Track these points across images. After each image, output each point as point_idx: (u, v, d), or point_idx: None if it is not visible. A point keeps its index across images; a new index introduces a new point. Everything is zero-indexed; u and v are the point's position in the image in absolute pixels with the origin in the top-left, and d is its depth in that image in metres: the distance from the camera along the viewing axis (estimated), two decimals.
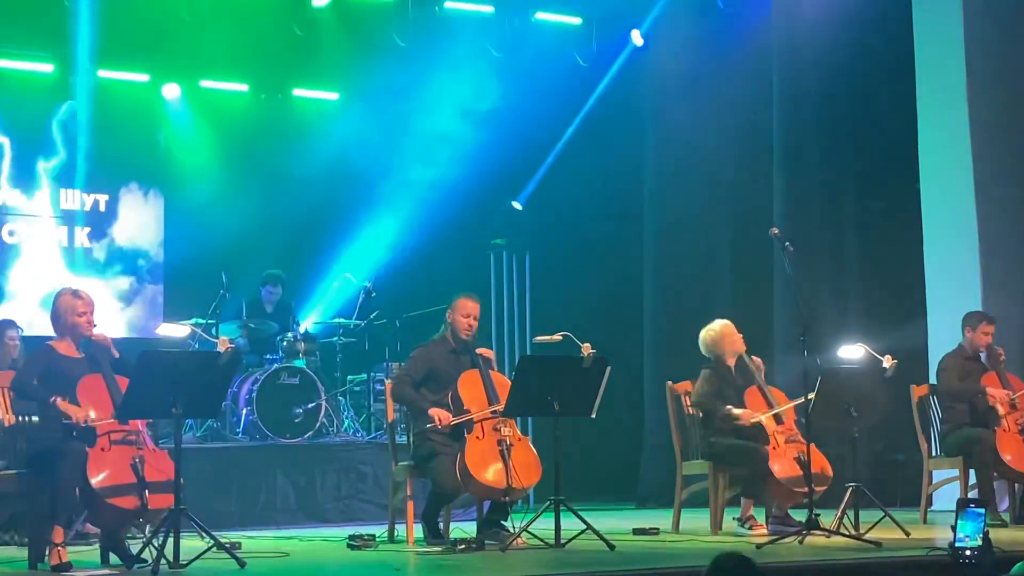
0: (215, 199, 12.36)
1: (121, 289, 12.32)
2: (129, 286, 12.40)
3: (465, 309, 8.35)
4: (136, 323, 12.32)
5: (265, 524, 9.83)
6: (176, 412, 7.00)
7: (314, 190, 12.61)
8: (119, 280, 12.35)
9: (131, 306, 12.37)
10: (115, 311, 12.15)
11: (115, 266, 12.35)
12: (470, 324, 8.33)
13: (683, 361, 10.88)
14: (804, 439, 8.30)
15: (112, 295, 12.18)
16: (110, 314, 11.96)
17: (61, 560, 6.86)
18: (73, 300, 7.35)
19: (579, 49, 12.51)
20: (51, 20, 11.22)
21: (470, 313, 8.35)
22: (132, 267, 12.43)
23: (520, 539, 7.74)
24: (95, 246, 12.29)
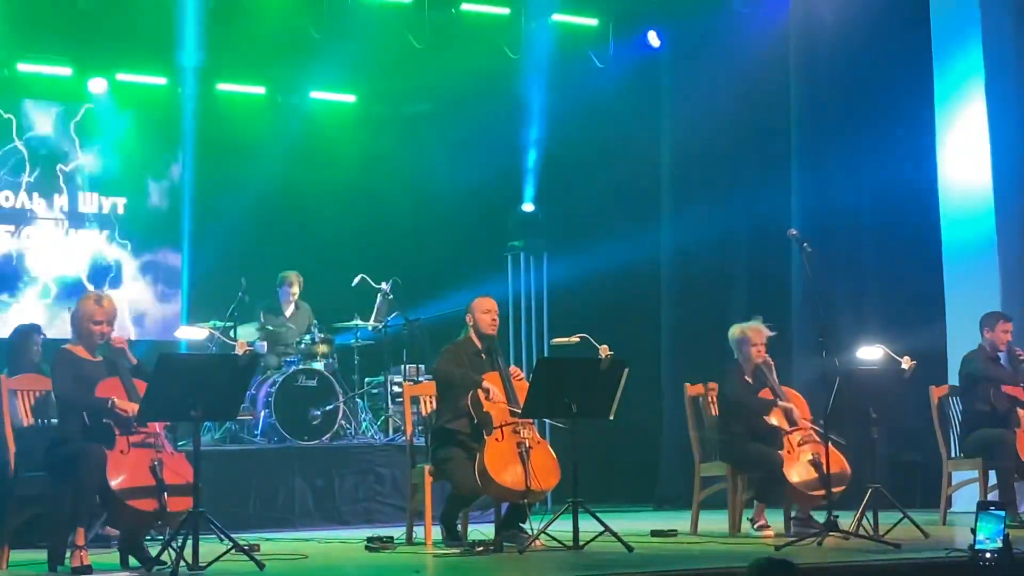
0: (234, 202, 12.39)
1: (140, 292, 12.36)
2: (148, 289, 12.44)
3: (484, 306, 8.35)
4: (155, 326, 12.35)
5: (283, 526, 9.85)
6: (195, 415, 7.02)
7: (331, 192, 12.63)
8: (138, 283, 12.38)
9: (150, 309, 12.40)
10: (134, 314, 12.19)
11: (134, 269, 12.39)
12: (493, 319, 8.33)
13: (700, 363, 10.90)
14: (820, 439, 8.29)
15: (131, 298, 12.21)
16: (129, 317, 12.02)
17: (82, 562, 6.88)
18: (93, 307, 7.36)
19: (596, 50, 12.49)
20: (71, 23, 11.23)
21: (490, 309, 8.35)
22: (151, 270, 12.47)
23: (538, 541, 7.73)
24: (113, 249, 12.32)
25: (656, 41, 12.55)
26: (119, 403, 7.08)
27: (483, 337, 8.34)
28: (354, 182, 12.73)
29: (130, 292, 12.25)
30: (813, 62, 11.42)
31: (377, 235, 12.66)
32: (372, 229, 12.68)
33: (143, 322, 12.34)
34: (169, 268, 12.53)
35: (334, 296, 11.87)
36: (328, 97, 13.07)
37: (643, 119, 12.64)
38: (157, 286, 12.48)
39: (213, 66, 12.40)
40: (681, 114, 12.37)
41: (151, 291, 12.45)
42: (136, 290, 12.35)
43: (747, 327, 8.80)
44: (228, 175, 12.43)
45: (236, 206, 12.40)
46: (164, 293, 12.50)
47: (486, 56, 12.34)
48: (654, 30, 12.51)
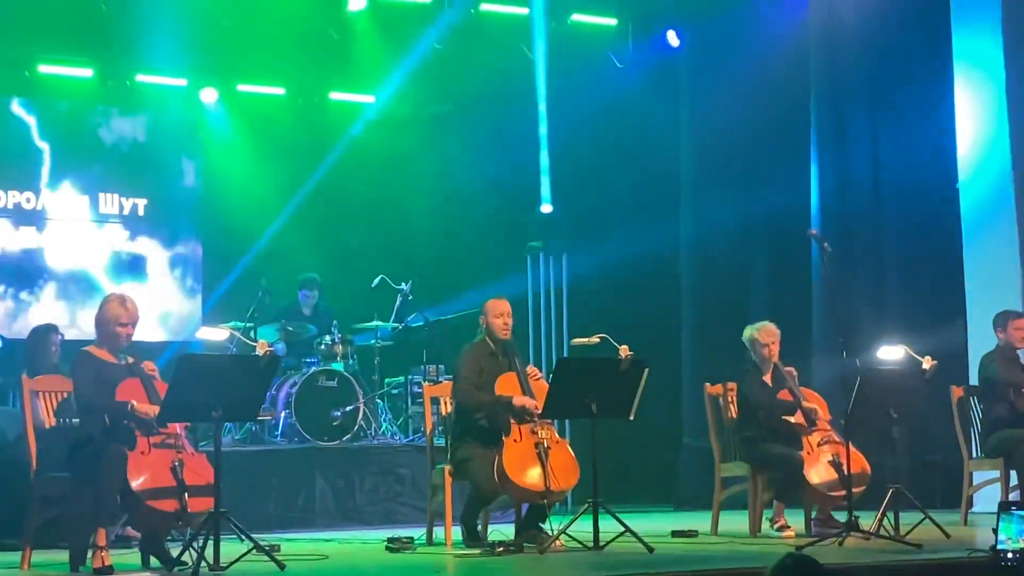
0: (253, 202, 12.43)
1: (160, 293, 12.40)
2: (168, 289, 12.48)
3: (497, 310, 8.35)
4: (175, 327, 12.40)
5: (303, 526, 9.87)
6: (216, 416, 7.03)
7: (350, 193, 12.65)
8: (158, 283, 12.42)
9: (170, 310, 12.44)
10: (155, 315, 12.23)
11: (154, 270, 12.43)
12: (505, 323, 8.34)
13: (720, 363, 10.87)
14: (840, 440, 8.28)
15: (151, 299, 12.25)
16: (150, 317, 12.05)
17: (104, 563, 6.89)
18: (119, 309, 7.36)
19: (615, 50, 12.48)
20: (91, 25, 11.27)
21: (503, 312, 8.35)
22: (171, 270, 12.51)
23: (559, 541, 7.73)
24: (134, 250, 12.37)
25: (675, 41, 12.55)
26: (138, 406, 7.09)
27: (497, 341, 8.35)
28: (374, 182, 12.74)
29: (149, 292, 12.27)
30: (833, 61, 11.38)
31: (397, 235, 12.68)
32: (392, 229, 12.69)
33: (165, 323, 12.37)
34: (189, 270, 12.56)
35: (354, 297, 11.90)
36: (347, 98, 13.08)
37: (662, 119, 12.63)
38: (177, 288, 12.51)
39: (233, 67, 12.43)
40: (700, 114, 12.35)
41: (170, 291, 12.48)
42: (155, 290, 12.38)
43: (756, 328, 8.78)
44: (247, 175, 12.46)
45: (256, 206, 12.44)
46: (183, 293, 12.53)
47: (505, 56, 12.36)
48: (673, 29, 12.51)
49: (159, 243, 12.47)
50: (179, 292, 12.52)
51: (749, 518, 8.62)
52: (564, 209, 12.92)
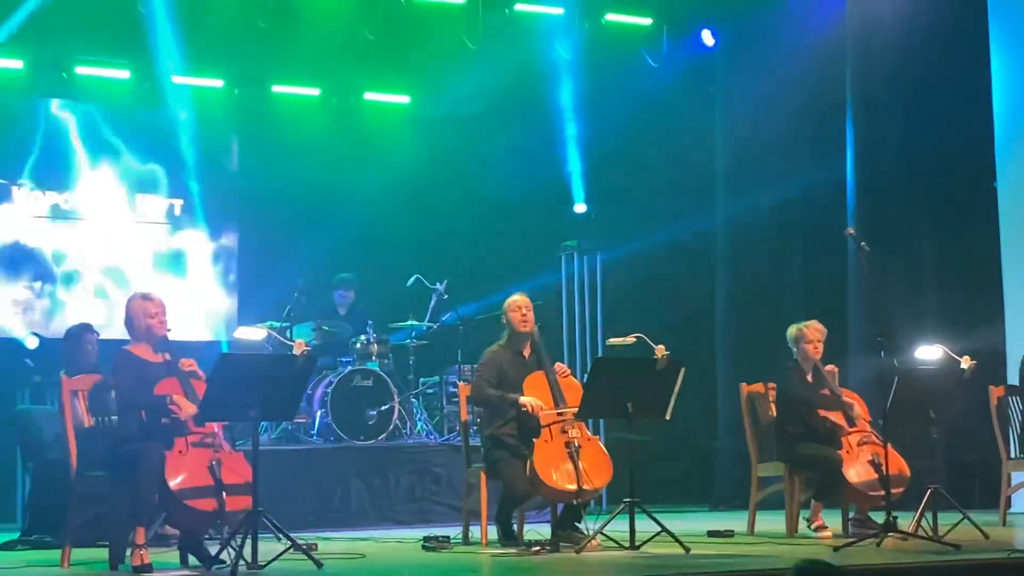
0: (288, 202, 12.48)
1: (199, 291, 12.47)
2: (207, 286, 12.54)
3: (514, 305, 8.36)
4: (214, 325, 12.46)
5: (339, 525, 9.89)
6: (253, 415, 7.06)
7: (385, 193, 12.68)
8: (198, 280, 12.49)
9: (209, 308, 12.51)
10: (194, 313, 12.31)
11: (194, 266, 12.50)
12: (523, 315, 8.31)
13: (755, 362, 10.87)
14: (879, 440, 8.25)
15: (190, 297, 12.32)
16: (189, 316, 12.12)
17: (143, 561, 6.93)
18: (143, 303, 7.44)
19: (649, 50, 12.46)
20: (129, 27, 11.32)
21: (520, 306, 8.34)
22: (208, 270, 12.57)
23: (595, 541, 7.72)
24: (173, 246, 12.44)
25: (710, 40, 12.51)
26: (176, 399, 7.13)
27: (519, 335, 8.33)
28: (408, 183, 12.75)
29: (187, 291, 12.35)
30: (869, 57, 11.33)
31: (431, 235, 12.69)
32: (426, 229, 12.72)
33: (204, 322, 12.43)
34: (230, 264, 12.63)
35: (389, 296, 11.92)
36: (382, 98, 13.11)
37: (697, 119, 12.60)
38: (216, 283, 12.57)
39: (268, 68, 12.47)
40: (735, 113, 12.32)
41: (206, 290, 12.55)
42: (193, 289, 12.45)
43: (803, 324, 8.77)
44: (283, 176, 12.51)
45: (291, 207, 12.50)
46: (219, 293, 12.59)
47: (539, 56, 12.35)
48: (708, 29, 12.47)
49: (200, 237, 12.52)
50: (218, 287, 12.57)
51: (786, 518, 8.60)
52: (598, 208, 12.92)
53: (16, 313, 11.78)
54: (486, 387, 8.22)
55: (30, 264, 11.92)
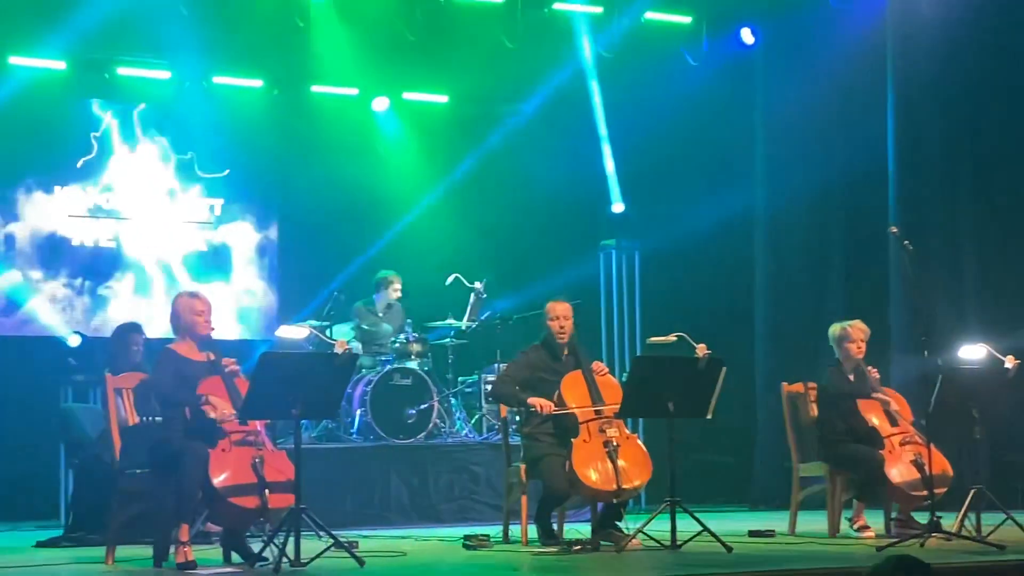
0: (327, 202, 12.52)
1: (241, 290, 12.52)
2: (249, 282, 12.60)
3: (552, 313, 8.37)
4: (256, 324, 12.52)
5: (379, 524, 9.92)
6: (295, 413, 7.09)
7: (424, 192, 12.70)
8: (236, 281, 12.54)
9: (251, 305, 12.56)
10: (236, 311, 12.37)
11: (231, 268, 12.55)
12: (561, 326, 8.33)
13: (795, 362, 10.83)
14: (921, 440, 8.20)
15: (230, 297, 12.39)
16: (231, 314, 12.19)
17: (187, 559, 6.97)
18: (190, 301, 7.50)
19: (689, 48, 12.43)
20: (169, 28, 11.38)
21: (558, 315, 8.34)
22: (248, 269, 12.62)
23: (635, 540, 7.71)
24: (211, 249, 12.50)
25: (750, 38, 12.46)
26: (212, 399, 7.16)
27: (556, 344, 8.34)
28: (446, 182, 12.77)
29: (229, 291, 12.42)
30: (910, 57, 11.25)
31: (470, 235, 12.70)
32: (465, 229, 12.72)
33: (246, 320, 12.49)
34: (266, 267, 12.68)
35: (428, 295, 11.94)
36: (421, 98, 13.13)
37: (736, 118, 12.56)
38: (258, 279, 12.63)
39: (307, 68, 12.51)
40: (775, 112, 12.26)
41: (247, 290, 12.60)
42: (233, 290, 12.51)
43: (847, 324, 8.74)
44: (322, 176, 12.55)
45: (330, 206, 12.54)
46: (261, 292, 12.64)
47: (578, 55, 12.34)
48: (748, 27, 12.42)
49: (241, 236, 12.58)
50: (258, 286, 12.62)
51: (828, 518, 8.57)
52: (637, 208, 12.89)
53: (58, 311, 11.86)
54: (504, 384, 8.31)
55: (71, 262, 12.01)
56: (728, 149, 12.65)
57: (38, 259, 11.89)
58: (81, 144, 12.08)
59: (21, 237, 11.86)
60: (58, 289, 11.94)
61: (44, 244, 11.93)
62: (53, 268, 11.94)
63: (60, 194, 11.98)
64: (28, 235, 11.88)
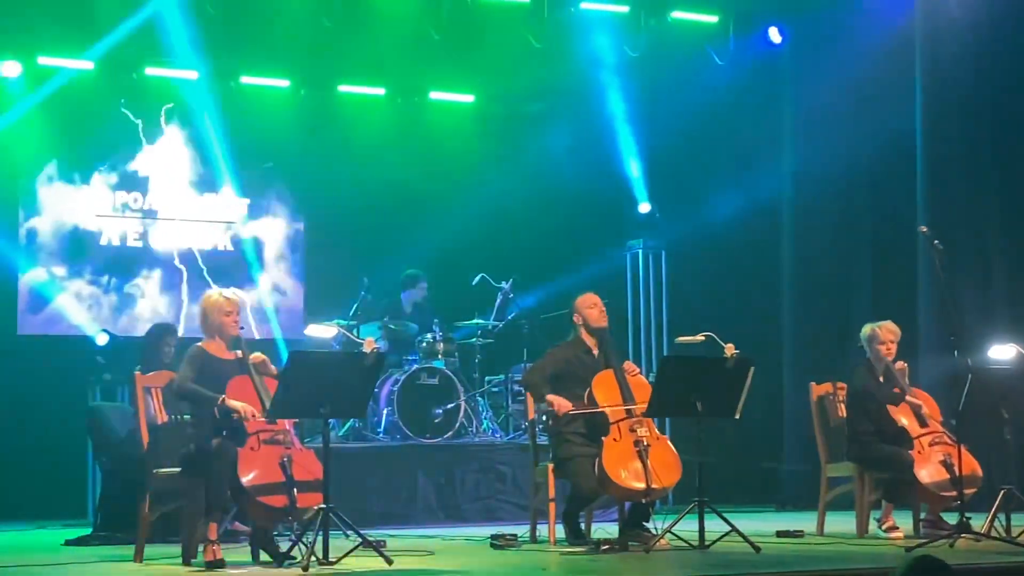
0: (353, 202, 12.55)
1: (266, 291, 12.56)
2: (274, 288, 12.62)
3: (588, 302, 8.38)
4: (282, 324, 12.55)
5: (406, 523, 9.93)
6: (324, 413, 7.10)
7: (450, 192, 12.71)
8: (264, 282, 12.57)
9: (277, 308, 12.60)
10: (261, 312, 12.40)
11: (258, 268, 12.59)
12: (600, 311, 8.34)
13: (822, 363, 10.80)
14: (951, 441, 8.17)
15: (258, 297, 12.42)
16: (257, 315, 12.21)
17: (215, 556, 6.99)
18: (219, 301, 7.52)
19: (715, 47, 12.40)
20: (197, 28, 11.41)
21: (595, 303, 8.37)
22: (274, 269, 12.65)
23: (663, 540, 7.70)
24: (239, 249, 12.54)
25: (777, 37, 12.43)
26: (230, 402, 7.17)
27: (595, 331, 8.32)
28: (473, 181, 12.78)
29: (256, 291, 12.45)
30: (939, 57, 11.21)
31: (496, 234, 12.70)
32: (491, 228, 12.72)
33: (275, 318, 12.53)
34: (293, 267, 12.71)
35: (455, 295, 11.95)
36: (447, 97, 13.15)
37: (764, 117, 12.53)
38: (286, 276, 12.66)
39: (334, 68, 12.54)
40: (803, 111, 12.23)
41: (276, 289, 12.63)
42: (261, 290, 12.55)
43: (878, 324, 8.71)
44: (348, 176, 12.58)
45: (356, 206, 12.56)
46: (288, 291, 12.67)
47: (605, 54, 12.32)
48: (775, 26, 12.39)
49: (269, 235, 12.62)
50: (284, 286, 12.65)
51: (856, 519, 8.54)
52: (663, 208, 12.87)
53: (85, 309, 11.90)
54: (534, 374, 8.31)
55: (97, 260, 12.05)
56: (755, 148, 12.62)
57: (63, 256, 11.93)
58: (108, 143, 12.13)
59: (45, 232, 11.88)
60: (84, 287, 11.98)
61: (69, 241, 11.96)
62: (79, 265, 11.98)
63: (87, 192, 12.03)
64: (52, 232, 11.91)
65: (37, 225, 11.88)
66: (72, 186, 11.99)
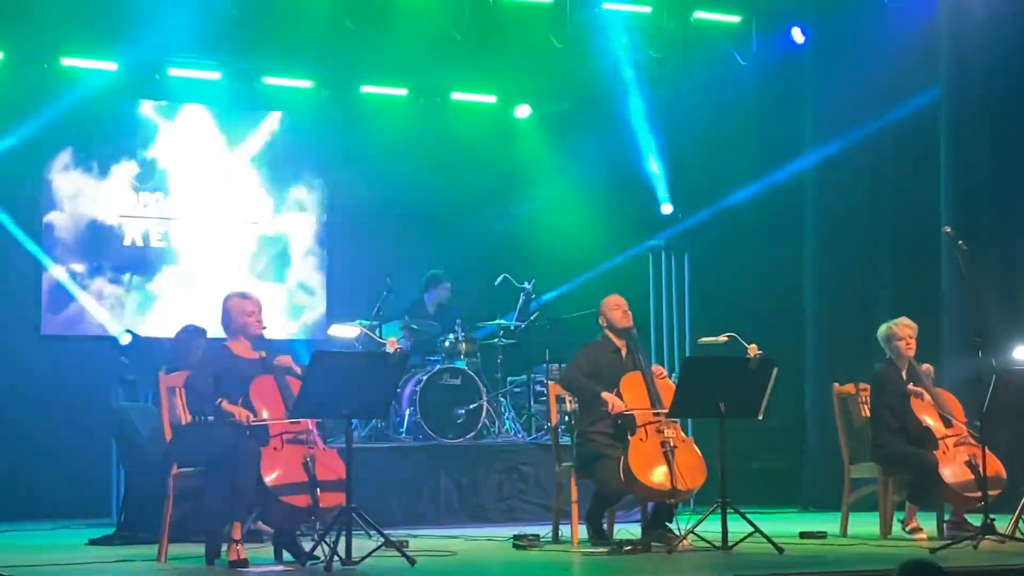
0: (376, 202, 12.57)
1: (289, 291, 12.59)
2: (297, 288, 12.65)
3: (613, 303, 8.39)
4: (304, 325, 12.57)
5: (428, 523, 9.94)
6: (346, 413, 7.11)
7: (472, 192, 12.72)
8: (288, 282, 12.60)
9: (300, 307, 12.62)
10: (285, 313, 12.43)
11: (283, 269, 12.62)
12: (624, 311, 8.35)
13: (845, 362, 10.75)
14: (975, 442, 8.14)
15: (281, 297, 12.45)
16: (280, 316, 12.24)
17: (239, 556, 7.01)
18: (241, 301, 7.54)
19: (738, 48, 12.38)
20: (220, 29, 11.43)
21: (619, 304, 8.38)
22: (297, 270, 12.68)
23: (686, 541, 7.70)
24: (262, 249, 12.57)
25: (800, 37, 12.39)
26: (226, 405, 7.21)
27: (620, 332, 8.32)
28: (495, 182, 12.79)
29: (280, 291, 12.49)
30: (963, 57, 11.15)
31: (518, 234, 12.70)
32: (514, 228, 12.72)
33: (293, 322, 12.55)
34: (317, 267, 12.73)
35: (477, 295, 11.95)
36: (469, 98, 13.15)
37: (786, 117, 12.49)
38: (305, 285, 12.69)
39: (357, 69, 12.56)
40: (826, 111, 12.19)
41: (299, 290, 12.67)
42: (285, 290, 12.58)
43: (893, 322, 8.69)
44: (371, 176, 12.60)
45: (379, 206, 12.58)
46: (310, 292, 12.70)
47: (627, 55, 12.32)
48: (798, 26, 12.35)
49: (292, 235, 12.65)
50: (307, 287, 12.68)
51: (880, 520, 8.51)
52: (686, 208, 12.86)
53: (107, 308, 11.94)
54: (579, 374, 8.24)
55: (123, 261, 12.10)
56: (777, 148, 12.58)
57: (83, 253, 11.98)
58: (131, 144, 12.17)
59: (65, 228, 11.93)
60: (106, 286, 12.02)
61: (89, 238, 12.01)
62: (103, 267, 12.03)
63: (113, 194, 12.07)
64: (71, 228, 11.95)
65: (55, 220, 11.90)
66: (95, 183, 12.02)
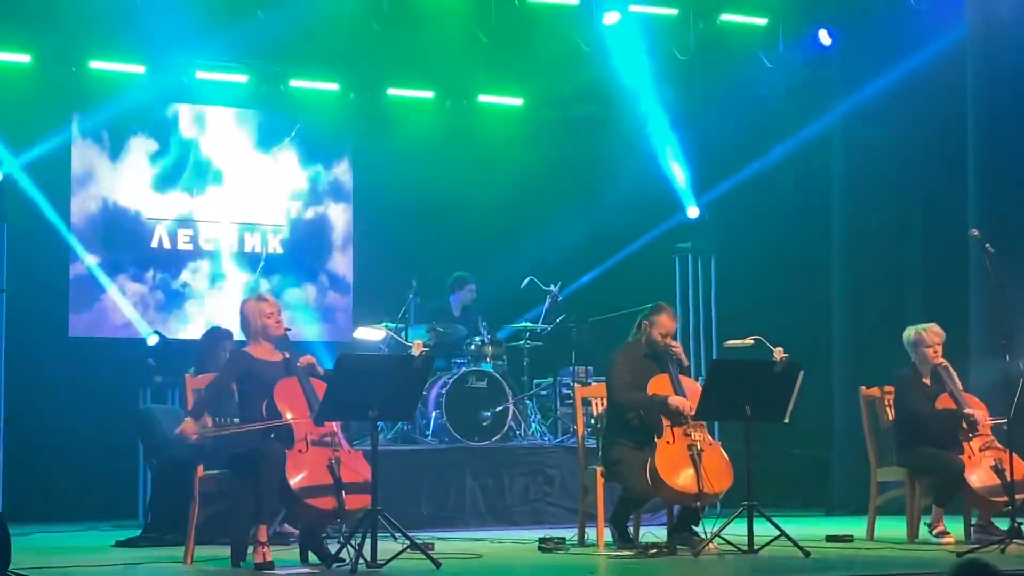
0: (402, 205, 12.60)
1: (313, 294, 12.62)
2: (321, 291, 12.68)
3: (663, 327, 8.22)
4: (330, 328, 12.60)
5: (454, 526, 9.95)
6: (372, 415, 7.11)
7: (498, 195, 12.72)
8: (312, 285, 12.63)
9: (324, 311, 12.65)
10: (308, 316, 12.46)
11: (308, 272, 12.65)
12: (667, 342, 8.24)
13: (873, 365, 10.70)
14: (1002, 446, 8.09)
15: (305, 300, 12.48)
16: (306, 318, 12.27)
17: (265, 558, 7.01)
18: (258, 304, 7.55)
19: (765, 50, 12.35)
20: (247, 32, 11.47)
21: (667, 332, 8.25)
22: (323, 273, 12.71)
23: (712, 544, 7.68)
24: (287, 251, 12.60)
25: (827, 40, 12.35)
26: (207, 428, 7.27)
27: (656, 345, 8.26)
28: (521, 185, 12.79)
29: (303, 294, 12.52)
30: (991, 59, 11.09)
31: (545, 237, 12.70)
32: (540, 231, 12.73)
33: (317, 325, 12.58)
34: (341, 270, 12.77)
35: (503, 298, 11.95)
36: (496, 101, 13.16)
37: (813, 120, 12.45)
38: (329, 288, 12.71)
39: (383, 71, 12.59)
40: (853, 113, 12.14)
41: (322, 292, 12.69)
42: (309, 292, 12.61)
43: (922, 327, 8.63)
44: (397, 178, 12.62)
45: (405, 209, 12.61)
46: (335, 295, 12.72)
47: (654, 57, 12.31)
48: (825, 28, 12.31)
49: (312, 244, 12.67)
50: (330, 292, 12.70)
51: (907, 524, 8.46)
52: (712, 211, 12.84)
53: (133, 308, 11.98)
54: (631, 389, 8.09)
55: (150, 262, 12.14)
56: (804, 151, 12.55)
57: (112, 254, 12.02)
58: (158, 147, 12.22)
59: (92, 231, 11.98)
60: (132, 285, 12.06)
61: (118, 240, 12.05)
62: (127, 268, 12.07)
63: (141, 196, 12.13)
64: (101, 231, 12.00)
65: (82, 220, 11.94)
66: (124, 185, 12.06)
